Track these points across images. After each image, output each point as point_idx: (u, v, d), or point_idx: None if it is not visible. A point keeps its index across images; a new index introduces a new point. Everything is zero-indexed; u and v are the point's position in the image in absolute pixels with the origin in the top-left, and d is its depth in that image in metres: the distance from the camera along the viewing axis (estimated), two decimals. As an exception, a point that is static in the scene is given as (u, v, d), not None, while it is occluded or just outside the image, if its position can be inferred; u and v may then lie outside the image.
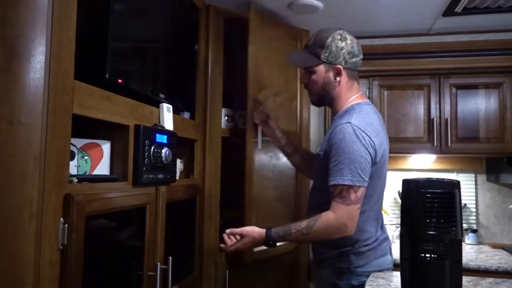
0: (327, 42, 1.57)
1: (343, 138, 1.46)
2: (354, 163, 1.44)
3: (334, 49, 1.57)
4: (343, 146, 1.45)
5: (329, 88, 1.62)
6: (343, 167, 1.44)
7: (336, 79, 1.60)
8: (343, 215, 1.44)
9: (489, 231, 2.73)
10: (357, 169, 1.44)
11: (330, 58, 1.58)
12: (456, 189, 1.09)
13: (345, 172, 1.44)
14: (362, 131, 1.47)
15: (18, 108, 0.96)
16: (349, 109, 1.58)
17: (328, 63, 1.59)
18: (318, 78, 1.61)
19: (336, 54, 1.57)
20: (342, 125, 1.49)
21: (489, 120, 2.47)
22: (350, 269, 1.55)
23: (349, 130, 1.46)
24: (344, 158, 1.44)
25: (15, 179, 0.95)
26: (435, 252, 1.08)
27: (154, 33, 1.65)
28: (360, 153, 1.44)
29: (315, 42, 1.61)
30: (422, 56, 2.54)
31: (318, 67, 1.60)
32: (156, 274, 1.47)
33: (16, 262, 0.94)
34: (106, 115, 1.25)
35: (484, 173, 2.75)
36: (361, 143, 1.45)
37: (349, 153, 1.44)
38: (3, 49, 0.96)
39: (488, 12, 2.27)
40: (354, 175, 1.43)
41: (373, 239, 1.58)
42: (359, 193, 1.45)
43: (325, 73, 1.60)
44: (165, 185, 1.59)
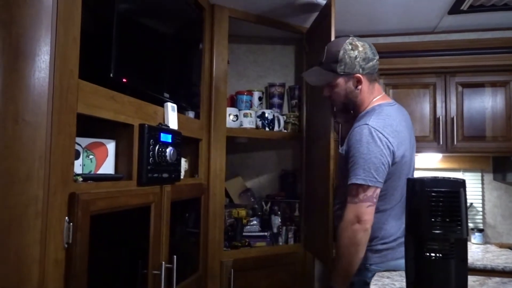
0: (339, 56, 1.61)
1: (360, 139, 1.49)
2: (368, 163, 1.47)
3: (348, 60, 1.60)
4: (359, 147, 1.49)
5: (352, 97, 1.65)
6: (357, 167, 1.48)
7: (357, 87, 1.64)
8: (349, 213, 1.48)
9: (496, 230, 2.71)
10: (370, 169, 1.46)
11: (347, 70, 1.61)
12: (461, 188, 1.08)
13: (358, 172, 1.47)
14: (379, 132, 1.49)
15: (23, 107, 0.97)
16: (369, 110, 1.62)
17: (346, 75, 1.62)
18: (340, 90, 1.65)
19: (351, 64, 1.61)
20: (360, 127, 1.52)
21: (496, 119, 2.45)
22: (366, 266, 1.55)
23: (366, 132, 1.49)
24: (359, 159, 1.48)
25: (21, 178, 0.95)
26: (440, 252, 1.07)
27: (159, 32, 1.66)
28: (375, 154, 1.47)
29: (328, 57, 1.64)
30: (428, 54, 2.53)
31: (337, 80, 1.64)
32: (160, 273, 1.47)
33: (22, 261, 0.95)
34: (110, 114, 1.25)
35: (491, 172, 2.73)
36: (376, 144, 1.48)
37: (364, 154, 1.47)
38: (8, 49, 0.97)
39: (495, 9, 2.25)
40: (367, 174, 1.46)
41: (392, 238, 1.58)
42: (370, 192, 1.47)
43: (345, 84, 1.64)
44: (169, 184, 1.60)
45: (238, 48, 2.75)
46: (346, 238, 1.48)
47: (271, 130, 2.44)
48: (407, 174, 1.62)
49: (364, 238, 1.48)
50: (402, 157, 1.54)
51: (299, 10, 2.27)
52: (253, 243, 2.32)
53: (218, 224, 2.11)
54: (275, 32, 2.54)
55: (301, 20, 2.41)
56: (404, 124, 1.61)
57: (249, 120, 2.36)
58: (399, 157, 1.53)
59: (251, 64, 2.79)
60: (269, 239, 2.38)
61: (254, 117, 2.39)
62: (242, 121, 2.35)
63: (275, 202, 2.56)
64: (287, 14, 2.34)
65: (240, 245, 2.28)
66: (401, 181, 1.59)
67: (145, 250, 1.45)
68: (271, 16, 2.36)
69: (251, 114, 2.38)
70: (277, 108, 2.64)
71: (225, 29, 2.19)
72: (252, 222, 2.41)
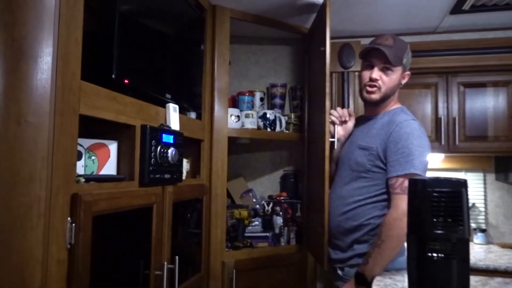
0: (407, 49, 1.69)
1: (411, 132, 1.57)
2: (422, 155, 1.54)
3: (409, 56, 1.71)
4: (411, 139, 1.55)
5: (395, 89, 1.73)
6: (413, 158, 1.52)
7: (402, 83, 1.73)
8: (404, 204, 1.43)
9: (498, 230, 2.70)
10: (424, 162, 1.54)
11: (407, 64, 1.71)
12: (463, 188, 1.08)
13: (416, 163, 1.52)
14: (423, 129, 1.62)
15: (25, 108, 0.97)
16: (398, 110, 1.70)
17: (404, 68, 1.70)
18: (395, 78, 1.70)
19: (408, 61, 1.72)
20: (407, 121, 1.60)
21: (498, 119, 2.45)
22: None
23: (416, 126, 1.59)
24: (414, 150, 1.53)
25: (23, 179, 0.96)
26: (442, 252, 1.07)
27: (160, 33, 1.66)
28: (426, 148, 1.57)
29: (399, 45, 1.68)
30: (429, 54, 2.53)
31: (398, 68, 1.69)
32: (162, 273, 1.47)
33: (24, 261, 0.95)
34: (112, 115, 1.26)
35: (493, 172, 2.73)
36: (426, 139, 1.59)
37: (419, 146, 1.54)
38: (10, 50, 0.97)
39: (497, 9, 2.24)
40: (423, 166, 1.54)
41: None
42: None
43: (400, 75, 1.71)
44: (171, 185, 1.60)
45: (239, 48, 2.75)
46: (400, 229, 1.45)
47: (273, 131, 2.44)
48: None
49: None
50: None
51: (300, 11, 2.27)
52: (255, 244, 2.32)
53: (220, 224, 2.11)
54: (276, 32, 2.54)
55: (302, 20, 2.41)
56: None
57: (251, 121, 2.36)
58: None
59: (252, 64, 2.80)
60: (271, 239, 2.38)
61: (255, 118, 2.39)
62: (244, 122, 2.35)
63: (277, 203, 2.56)
64: (288, 14, 2.34)
65: (242, 245, 2.28)
66: None
67: (147, 251, 1.45)
68: (272, 16, 2.36)
69: (252, 115, 2.38)
70: (278, 108, 2.64)
71: (227, 30, 2.19)
72: (254, 223, 2.41)
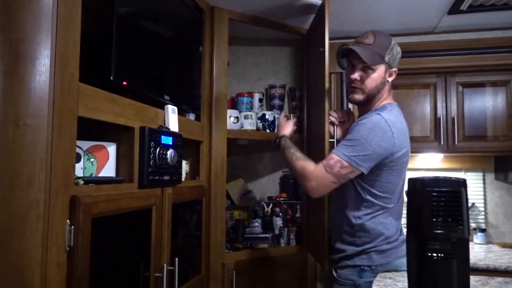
0: (391, 45, 1.64)
1: (366, 123, 1.52)
2: (362, 147, 1.49)
3: (395, 52, 1.65)
4: (361, 129, 1.51)
5: (381, 88, 1.66)
6: (350, 145, 1.51)
7: (388, 80, 1.67)
8: (316, 174, 1.54)
9: (498, 230, 2.70)
10: (359, 152, 1.49)
11: (391, 61, 1.64)
12: (462, 188, 1.08)
13: (348, 149, 1.50)
14: (388, 124, 1.51)
15: (24, 110, 0.97)
16: (380, 107, 1.64)
17: (388, 65, 1.64)
18: (377, 77, 1.64)
19: (395, 57, 1.66)
20: (372, 115, 1.55)
21: (497, 118, 2.45)
22: (371, 267, 1.56)
23: (375, 119, 1.53)
24: (355, 139, 1.50)
25: (22, 181, 0.96)
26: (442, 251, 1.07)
27: (159, 34, 1.66)
28: (372, 143, 1.49)
29: (380, 42, 1.63)
30: (428, 54, 2.53)
31: (380, 66, 1.64)
32: (162, 275, 1.47)
33: (24, 264, 0.95)
34: (111, 117, 1.25)
35: (493, 172, 2.73)
36: (378, 134, 1.49)
37: (362, 138, 1.49)
38: (8, 53, 0.97)
39: (495, 9, 2.25)
40: (356, 157, 1.49)
41: (395, 237, 1.60)
42: (344, 171, 1.50)
43: (384, 73, 1.65)
44: (170, 187, 1.60)
45: (238, 50, 2.75)
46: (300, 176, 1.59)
47: (272, 132, 2.44)
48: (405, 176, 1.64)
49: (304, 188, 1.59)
50: (403, 156, 1.56)
51: (298, 12, 2.27)
52: (255, 245, 2.32)
53: (219, 226, 2.11)
54: (275, 33, 2.54)
55: (301, 21, 2.42)
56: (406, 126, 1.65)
57: (250, 122, 2.36)
58: (399, 155, 1.54)
59: (251, 66, 2.80)
60: (271, 240, 2.37)
61: (254, 119, 2.40)
62: (243, 123, 2.35)
63: (277, 204, 2.56)
64: (286, 15, 2.34)
65: (242, 246, 2.27)
66: (400, 180, 1.62)
67: (147, 253, 1.45)
68: (271, 17, 2.36)
69: (251, 116, 2.38)
70: (277, 109, 2.64)
71: (225, 31, 2.19)
72: (254, 224, 2.41)
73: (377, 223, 1.57)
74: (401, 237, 1.64)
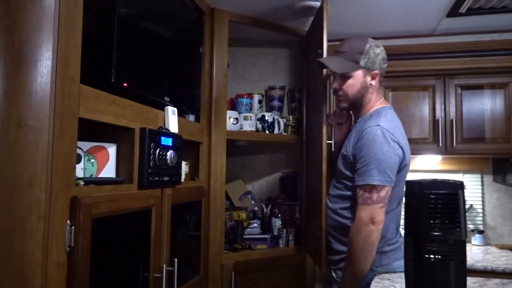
0: (366, 48, 1.63)
1: (373, 140, 1.51)
2: (383, 164, 1.49)
3: (372, 55, 1.63)
4: (372, 148, 1.50)
5: (364, 92, 1.67)
6: (372, 168, 1.49)
7: (371, 83, 1.66)
8: (364, 215, 1.50)
9: (496, 232, 2.71)
10: (386, 169, 1.49)
11: (369, 64, 1.63)
12: (460, 190, 1.09)
13: (374, 173, 1.49)
14: (391, 133, 1.52)
15: (25, 112, 0.98)
16: (374, 113, 1.64)
17: (366, 69, 1.64)
18: (355, 83, 1.65)
19: (374, 60, 1.64)
20: (371, 128, 1.53)
21: (495, 121, 2.46)
22: (372, 268, 1.56)
23: (379, 132, 1.52)
24: (373, 159, 1.50)
25: (23, 182, 0.96)
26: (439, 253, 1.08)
27: (159, 36, 1.67)
28: (389, 155, 1.50)
29: (352, 48, 1.65)
30: (427, 57, 2.54)
31: (356, 72, 1.65)
32: (162, 276, 1.48)
33: (24, 264, 0.96)
34: (111, 119, 1.26)
35: (491, 174, 2.73)
36: (390, 145, 1.50)
37: (379, 154, 1.49)
38: (11, 54, 0.98)
39: (493, 12, 2.26)
40: (383, 175, 1.48)
41: (396, 239, 1.62)
42: (383, 193, 1.49)
43: (363, 77, 1.65)
44: (170, 188, 1.60)
45: (238, 51, 2.76)
46: (361, 240, 1.49)
47: (271, 133, 2.45)
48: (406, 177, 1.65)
49: (378, 238, 1.50)
50: (407, 159, 1.59)
51: (298, 13, 2.28)
52: (254, 246, 2.33)
53: (219, 226, 2.11)
54: (274, 35, 2.55)
55: (300, 23, 2.43)
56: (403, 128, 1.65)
57: (249, 123, 2.37)
58: (407, 159, 1.58)
59: (251, 67, 2.81)
60: (270, 241, 2.38)
61: (254, 120, 2.40)
62: (242, 124, 2.36)
63: (276, 205, 2.57)
64: (286, 17, 2.35)
65: (241, 247, 2.28)
66: (402, 183, 1.62)
67: (146, 253, 1.46)
68: (271, 19, 2.37)
69: (251, 117, 2.39)
70: (277, 111, 2.65)
71: (225, 33, 2.20)
72: (253, 225, 2.41)
73: None
74: (401, 239, 1.65)
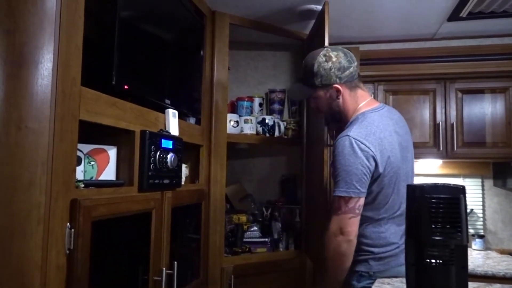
0: (314, 69, 1.63)
1: (341, 151, 1.50)
2: (350, 175, 1.47)
3: (323, 72, 1.62)
4: (340, 159, 1.50)
5: (335, 106, 1.66)
6: (339, 179, 1.49)
7: (338, 96, 1.64)
8: (333, 225, 1.51)
9: (497, 236, 2.71)
10: (352, 180, 1.47)
11: (324, 82, 1.63)
12: (461, 194, 1.08)
13: (341, 184, 1.49)
14: (359, 142, 1.48)
15: (26, 114, 0.97)
16: (353, 120, 1.61)
17: (324, 87, 1.64)
18: (322, 102, 1.68)
19: (327, 75, 1.62)
20: (341, 138, 1.52)
21: (496, 125, 2.46)
22: (369, 273, 1.56)
23: (346, 143, 1.49)
24: (341, 171, 1.49)
25: (23, 184, 0.96)
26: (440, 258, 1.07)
27: (160, 39, 1.67)
28: (356, 165, 1.47)
29: (305, 73, 1.68)
30: (427, 61, 2.54)
31: (317, 93, 1.67)
32: (161, 279, 1.47)
33: (24, 266, 0.95)
34: (112, 121, 1.26)
35: (491, 178, 2.73)
36: (357, 155, 1.47)
37: (345, 166, 1.48)
38: (12, 56, 0.98)
39: (494, 16, 2.26)
40: (349, 186, 1.47)
41: (395, 246, 1.59)
42: (352, 204, 1.48)
43: (325, 95, 1.66)
44: (170, 190, 1.60)
45: (238, 54, 2.76)
46: (331, 250, 1.51)
47: (272, 136, 2.45)
48: (405, 180, 1.60)
49: (349, 248, 1.49)
50: (387, 164, 1.52)
51: (299, 17, 2.28)
52: (254, 249, 2.32)
53: (218, 230, 2.11)
54: (275, 38, 2.55)
55: (301, 26, 2.43)
56: (392, 129, 1.58)
57: (250, 126, 2.37)
58: (383, 165, 1.50)
59: (251, 70, 2.81)
60: (270, 245, 2.38)
61: (254, 123, 2.40)
62: (243, 127, 2.36)
63: (276, 208, 2.56)
64: (287, 20, 2.35)
65: (241, 251, 2.28)
66: (396, 188, 1.57)
67: (146, 256, 1.45)
68: (272, 22, 2.37)
69: (251, 120, 2.39)
70: (277, 114, 2.65)
71: (226, 36, 2.20)
72: (253, 228, 2.41)
73: (371, 232, 1.57)
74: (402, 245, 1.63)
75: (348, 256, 1.50)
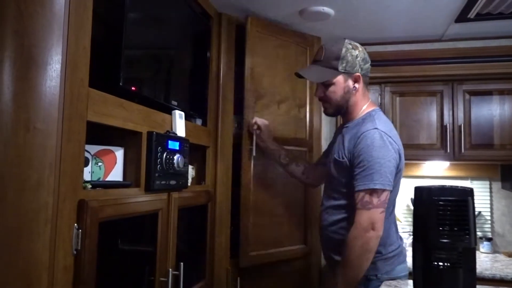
0: (342, 53, 1.59)
1: (372, 143, 1.48)
2: (383, 167, 1.46)
3: (350, 58, 1.60)
4: (372, 151, 1.48)
5: (348, 97, 1.64)
6: (373, 172, 1.46)
7: (355, 86, 1.62)
8: (363, 220, 1.46)
9: (505, 239, 2.68)
10: (386, 173, 1.46)
11: (348, 68, 1.60)
12: (469, 197, 1.08)
13: (375, 176, 1.46)
14: (388, 136, 1.50)
15: (34, 115, 0.98)
16: (366, 116, 1.61)
17: (346, 73, 1.61)
18: (337, 89, 1.63)
19: (353, 62, 1.60)
20: (369, 131, 1.51)
21: (504, 127, 2.44)
22: (377, 276, 1.55)
23: (377, 136, 1.49)
24: (374, 163, 1.47)
25: (31, 185, 0.97)
26: (448, 261, 1.07)
27: (167, 40, 1.68)
28: (388, 158, 1.48)
29: (328, 55, 1.62)
30: (435, 62, 2.53)
31: (337, 78, 1.62)
32: (167, 280, 1.47)
33: (31, 266, 0.96)
34: (119, 122, 1.26)
35: (499, 181, 2.71)
36: (388, 148, 1.48)
37: (378, 158, 1.47)
38: (20, 58, 0.99)
39: (502, 18, 2.25)
40: (384, 179, 1.46)
41: (397, 244, 1.61)
42: (383, 197, 1.47)
43: (345, 82, 1.62)
44: (177, 191, 1.60)
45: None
46: (359, 247, 1.45)
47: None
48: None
49: (376, 245, 1.47)
50: (402, 161, 1.57)
51: (307, 19, 2.28)
52: (260, 251, 2.31)
53: (224, 231, 2.11)
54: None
55: (309, 29, 2.42)
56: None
57: (256, 128, 2.36)
58: (402, 162, 1.56)
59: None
60: (276, 246, 2.36)
61: (261, 125, 2.40)
62: (249, 129, 2.35)
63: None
64: (295, 23, 2.35)
65: (247, 252, 2.27)
66: (397, 187, 1.60)
67: (152, 257, 1.45)
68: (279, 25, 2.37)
69: (258, 122, 2.38)
70: (283, 115, 2.64)
71: (232, 37, 2.20)
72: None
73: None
74: (401, 241, 1.65)
75: (373, 254, 1.47)
